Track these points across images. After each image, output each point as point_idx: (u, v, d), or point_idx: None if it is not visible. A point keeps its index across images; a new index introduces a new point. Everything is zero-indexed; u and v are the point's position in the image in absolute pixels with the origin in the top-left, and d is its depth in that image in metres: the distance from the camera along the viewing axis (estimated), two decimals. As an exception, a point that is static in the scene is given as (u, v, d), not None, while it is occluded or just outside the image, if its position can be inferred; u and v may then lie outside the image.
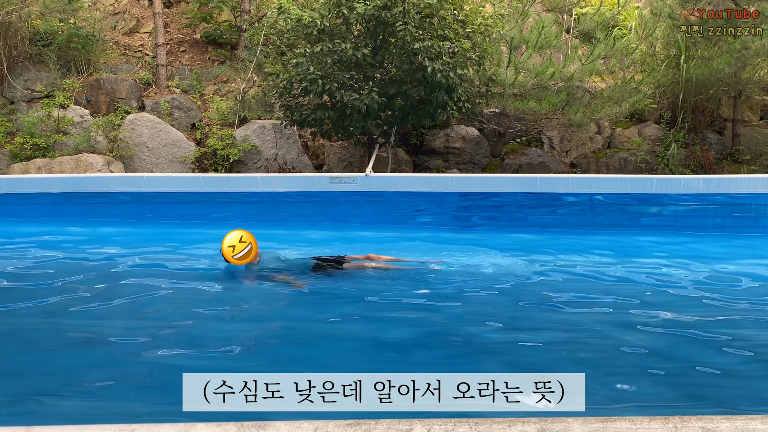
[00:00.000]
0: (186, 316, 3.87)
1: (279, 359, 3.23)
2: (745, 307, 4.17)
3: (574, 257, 5.64)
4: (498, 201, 6.81)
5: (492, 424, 1.70)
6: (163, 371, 3.02)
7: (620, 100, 8.66)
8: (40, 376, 2.99)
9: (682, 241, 6.27)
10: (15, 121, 9.22)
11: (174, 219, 6.91)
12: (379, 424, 1.70)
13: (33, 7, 9.51)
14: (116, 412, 2.60)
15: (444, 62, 7.10)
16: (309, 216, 6.88)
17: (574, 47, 9.28)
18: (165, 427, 1.72)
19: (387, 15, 7.01)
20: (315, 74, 7.17)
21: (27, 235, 6.55)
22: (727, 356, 3.24)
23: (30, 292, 4.42)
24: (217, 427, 1.72)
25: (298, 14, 7.45)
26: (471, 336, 3.50)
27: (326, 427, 1.69)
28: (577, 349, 3.25)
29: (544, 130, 9.64)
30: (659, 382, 2.89)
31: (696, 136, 9.43)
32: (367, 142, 8.53)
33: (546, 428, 1.67)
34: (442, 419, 1.74)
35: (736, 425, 1.69)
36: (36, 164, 8.55)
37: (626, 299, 4.29)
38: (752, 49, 8.30)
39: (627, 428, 1.69)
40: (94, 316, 3.85)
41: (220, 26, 10.75)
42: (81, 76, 9.80)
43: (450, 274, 4.96)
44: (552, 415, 2.46)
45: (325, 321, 3.80)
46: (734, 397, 2.78)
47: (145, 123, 9.18)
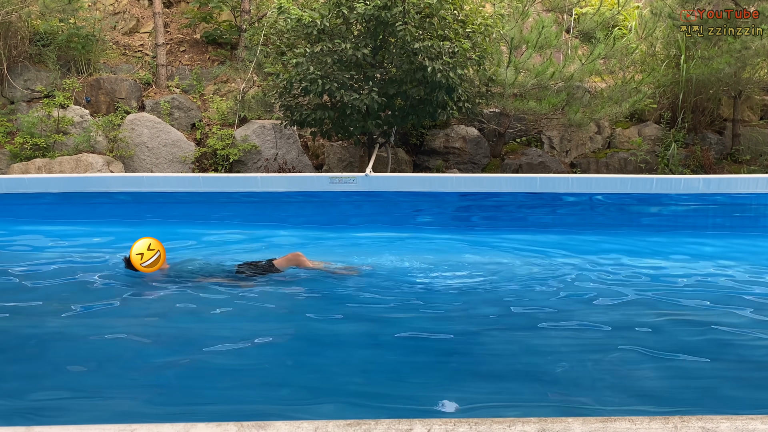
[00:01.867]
0: (186, 316, 3.87)
1: (279, 361, 3.23)
2: (746, 307, 4.17)
3: (574, 257, 5.64)
4: (498, 201, 6.81)
5: (492, 424, 1.70)
6: (163, 371, 3.02)
7: (620, 100, 8.67)
8: (40, 376, 2.99)
9: (682, 241, 6.27)
10: (15, 121, 9.22)
11: (174, 219, 6.91)
12: (379, 424, 1.70)
13: (33, 7, 9.51)
14: (116, 412, 2.60)
15: (444, 62, 7.10)
16: (309, 216, 6.88)
17: (574, 47, 9.28)
18: (165, 427, 1.72)
19: (387, 15, 7.01)
20: (315, 74, 7.17)
21: (27, 235, 6.55)
22: (727, 356, 3.24)
23: (30, 292, 4.42)
24: (217, 426, 1.72)
25: (298, 14, 7.46)
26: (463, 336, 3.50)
27: (326, 426, 1.69)
28: (576, 349, 3.25)
29: (544, 130, 9.64)
30: (659, 382, 2.89)
31: (696, 136, 9.43)
32: (367, 142, 8.53)
33: (546, 428, 1.68)
34: (442, 419, 1.74)
35: (736, 425, 1.69)
36: (36, 164, 8.55)
37: (626, 299, 4.29)
38: (752, 49, 8.30)
39: (627, 428, 1.69)
40: (94, 316, 3.85)
41: (220, 26, 10.75)
42: (81, 76, 9.80)
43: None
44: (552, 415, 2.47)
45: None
46: (734, 397, 2.78)
47: (145, 123, 9.18)
